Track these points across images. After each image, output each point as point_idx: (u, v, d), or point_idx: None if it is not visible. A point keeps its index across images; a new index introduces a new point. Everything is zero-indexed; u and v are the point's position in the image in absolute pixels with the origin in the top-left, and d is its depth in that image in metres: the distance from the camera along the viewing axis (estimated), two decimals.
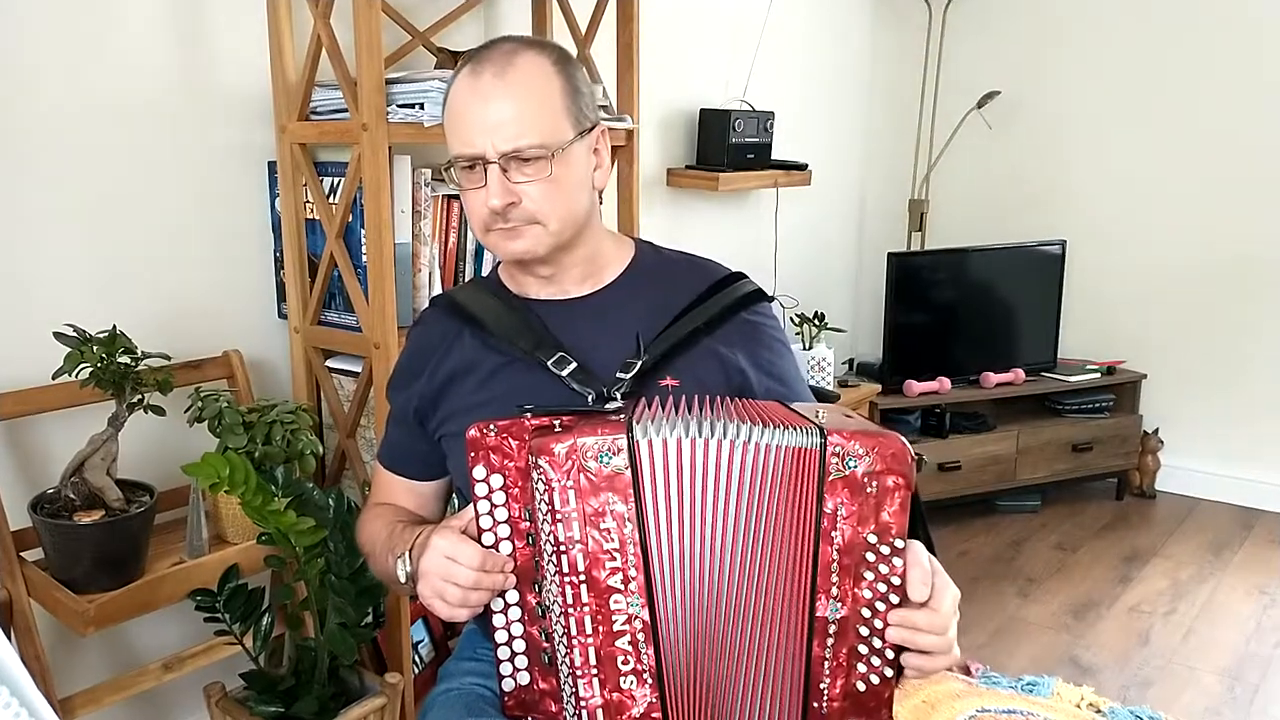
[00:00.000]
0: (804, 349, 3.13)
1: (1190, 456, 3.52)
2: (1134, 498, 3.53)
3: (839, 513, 0.95)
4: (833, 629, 0.97)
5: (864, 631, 0.97)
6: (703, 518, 0.98)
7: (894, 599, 0.96)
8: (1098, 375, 3.46)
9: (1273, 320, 3.32)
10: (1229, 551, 3.09)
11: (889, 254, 3.32)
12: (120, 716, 1.77)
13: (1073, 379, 3.42)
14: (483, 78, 1.09)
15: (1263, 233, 3.30)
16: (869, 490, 0.95)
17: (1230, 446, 3.46)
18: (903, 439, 0.96)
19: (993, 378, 3.36)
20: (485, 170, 1.10)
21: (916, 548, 0.97)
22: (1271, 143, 3.25)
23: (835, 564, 0.96)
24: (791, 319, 3.19)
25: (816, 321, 3.16)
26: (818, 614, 0.97)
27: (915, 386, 3.29)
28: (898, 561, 0.96)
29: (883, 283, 3.33)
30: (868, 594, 0.96)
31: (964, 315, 3.45)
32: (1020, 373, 3.40)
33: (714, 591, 0.98)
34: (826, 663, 0.98)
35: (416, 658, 1.89)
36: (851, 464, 0.95)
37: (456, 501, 1.42)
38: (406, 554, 1.09)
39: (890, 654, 0.98)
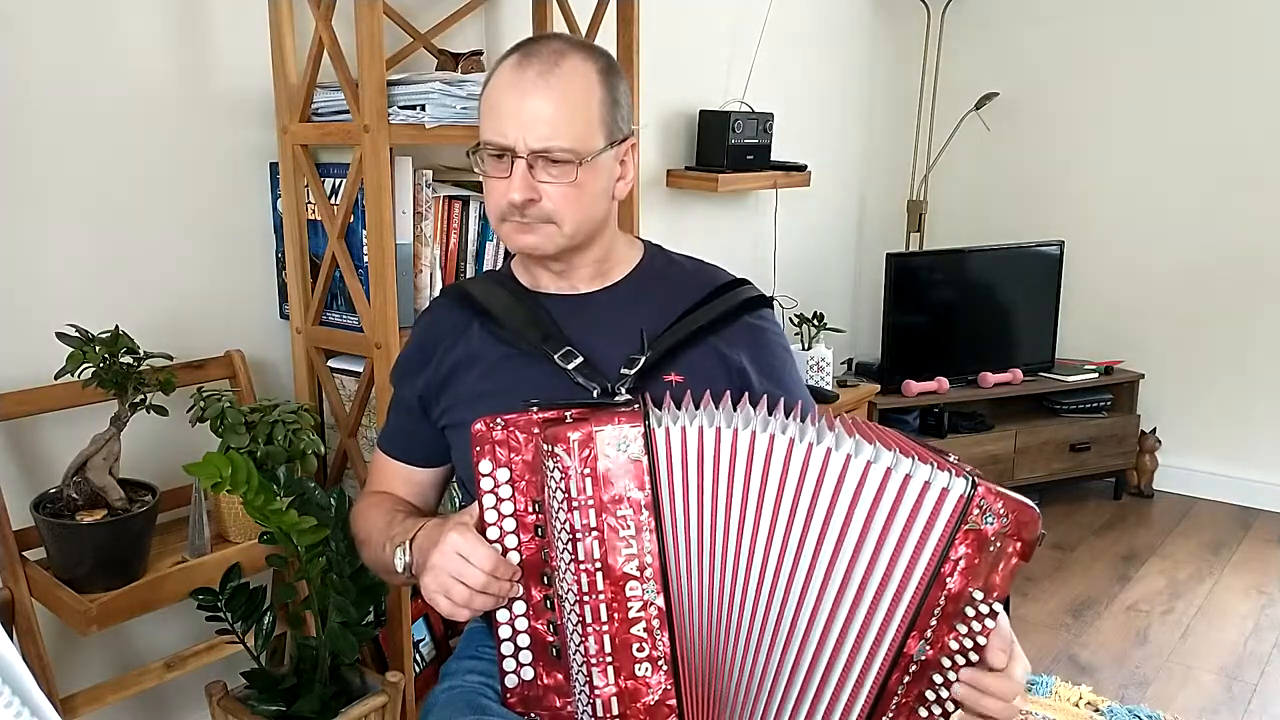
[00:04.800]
0: (803, 349, 3.13)
1: (1188, 456, 3.53)
2: (1132, 497, 3.54)
3: (960, 562, 0.96)
4: (913, 668, 0.98)
5: (937, 679, 0.98)
6: (742, 509, 0.98)
7: (973, 657, 0.97)
8: (1095, 375, 3.47)
9: (1271, 320, 3.33)
10: (1227, 551, 3.10)
11: (887, 255, 3.33)
12: (122, 715, 1.77)
13: (1071, 379, 3.43)
14: (527, 73, 1.11)
15: (1260, 233, 3.31)
16: (991, 549, 0.96)
17: (1228, 446, 3.47)
18: (1038, 511, 0.97)
19: (991, 378, 3.37)
20: (513, 163, 1.11)
21: (1002, 615, 0.99)
22: (1270, 143, 3.26)
23: (940, 608, 0.96)
24: (791, 319, 3.20)
25: (815, 322, 3.17)
26: (906, 650, 0.97)
27: (914, 386, 3.30)
28: (990, 623, 0.97)
29: (881, 283, 3.34)
30: (954, 645, 0.97)
31: (962, 315, 3.46)
32: (1018, 373, 3.41)
33: (754, 586, 0.99)
34: (897, 698, 0.98)
35: (418, 656, 1.90)
36: (989, 520, 0.95)
37: (456, 493, 1.43)
38: (407, 544, 1.09)
39: (952, 706, 0.99)
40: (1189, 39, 3.34)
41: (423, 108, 1.70)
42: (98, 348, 1.46)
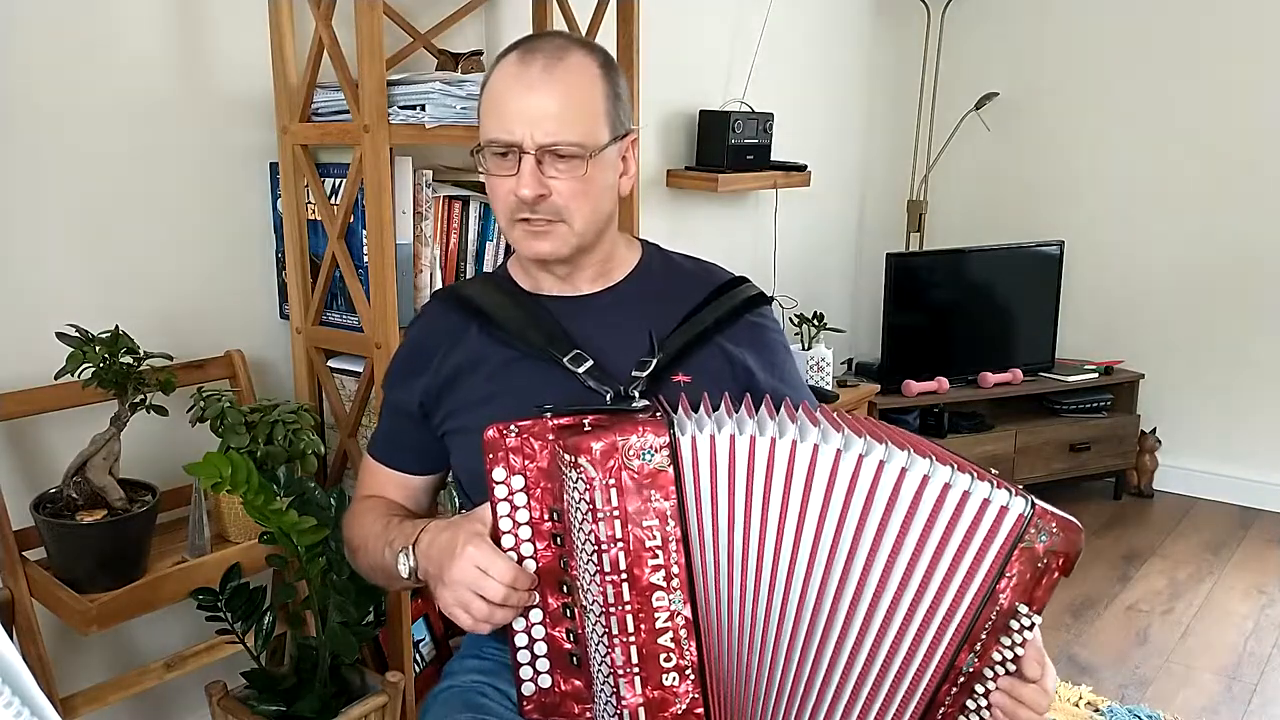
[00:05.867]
0: (803, 349, 3.13)
1: (1188, 456, 3.53)
2: (1132, 497, 3.54)
3: (1013, 581, 0.96)
4: (961, 679, 0.98)
5: (979, 689, 0.99)
6: (781, 520, 0.96)
7: (1011, 667, 0.99)
8: (1095, 375, 3.47)
9: (1271, 320, 3.33)
10: (1227, 551, 3.10)
11: (887, 254, 3.33)
12: (122, 715, 1.78)
13: (1071, 379, 3.43)
14: (531, 68, 1.09)
15: (1260, 233, 3.31)
16: (1039, 565, 0.97)
17: (1228, 446, 3.47)
18: (1082, 528, 0.98)
19: (991, 378, 3.37)
20: (520, 159, 1.10)
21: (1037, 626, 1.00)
22: (1269, 143, 3.26)
23: (991, 623, 0.97)
24: (790, 319, 3.20)
25: (815, 322, 3.17)
26: (957, 663, 0.98)
27: (914, 386, 3.30)
28: (1029, 634, 0.98)
29: (881, 283, 3.34)
30: (997, 656, 0.98)
31: (962, 315, 3.46)
32: (1018, 373, 3.41)
33: (796, 597, 0.98)
34: (943, 709, 0.99)
35: (418, 656, 1.90)
36: (1042, 538, 0.96)
37: (456, 496, 1.43)
38: (410, 548, 1.07)
39: (988, 714, 1.00)
40: (1189, 39, 3.34)
41: (423, 108, 1.70)
42: (98, 348, 1.46)
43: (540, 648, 1.03)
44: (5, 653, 0.55)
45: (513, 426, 0.99)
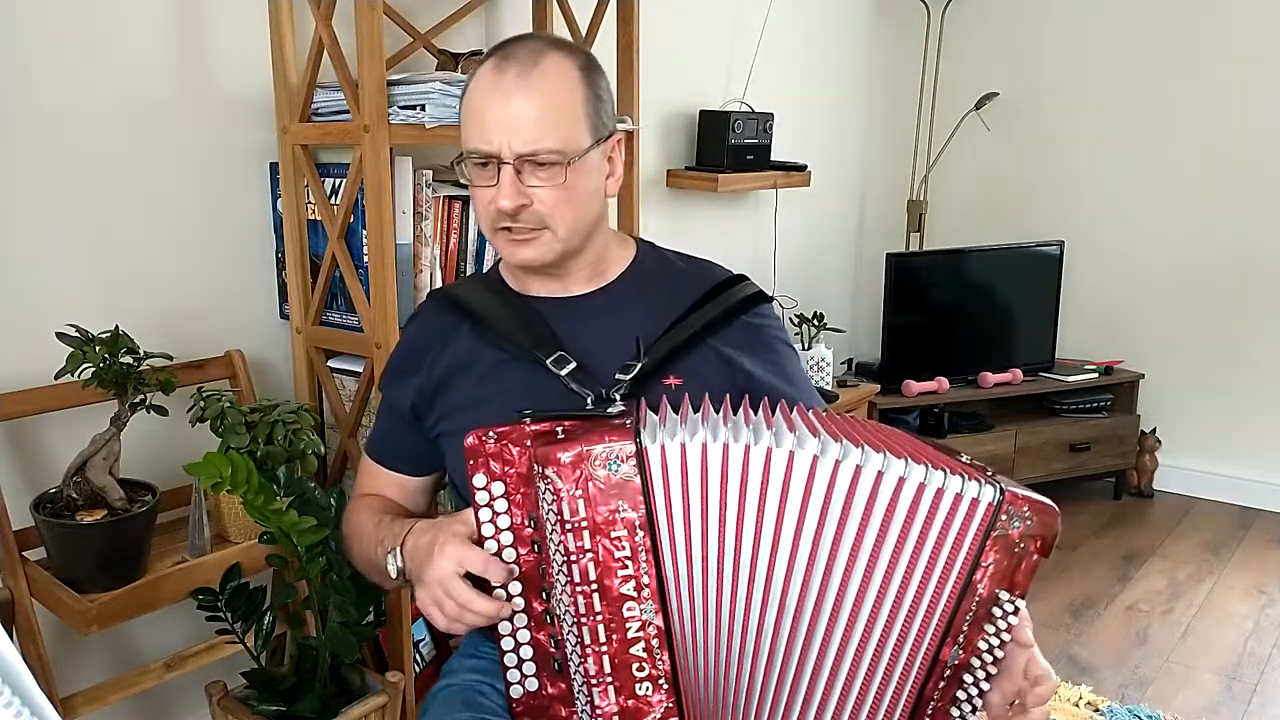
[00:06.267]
0: (803, 349, 3.13)
1: (1188, 456, 3.53)
2: (1132, 497, 3.54)
3: (990, 569, 0.96)
4: (948, 672, 0.99)
5: (968, 679, 0.99)
6: (757, 527, 0.96)
7: (999, 654, 0.98)
8: (1095, 375, 3.47)
9: (1271, 320, 3.33)
10: (1227, 551, 3.11)
11: (887, 254, 3.33)
12: (122, 715, 1.78)
13: (1071, 379, 3.43)
14: (506, 75, 1.08)
15: (1260, 233, 3.31)
16: (1017, 550, 0.97)
17: (1228, 446, 3.47)
18: (1057, 510, 0.98)
19: (991, 378, 3.37)
20: (499, 169, 1.08)
21: (1022, 605, 1.00)
22: (1269, 143, 3.26)
23: (971, 614, 0.97)
24: (790, 319, 3.20)
25: (815, 322, 3.17)
26: (941, 657, 0.98)
27: (914, 386, 3.30)
28: (1014, 619, 0.98)
29: (881, 283, 3.34)
30: (983, 644, 0.98)
31: (962, 315, 3.46)
32: (1018, 373, 3.41)
33: (775, 604, 0.97)
34: (932, 703, 0.99)
35: (418, 656, 1.90)
36: (1015, 524, 0.96)
37: (453, 498, 1.43)
38: (397, 549, 1.08)
39: (979, 701, 1.00)
40: (1189, 39, 3.34)
41: (423, 108, 1.70)
42: (98, 348, 1.46)
43: (526, 651, 1.03)
44: (5, 653, 0.55)
45: (491, 433, 0.99)
